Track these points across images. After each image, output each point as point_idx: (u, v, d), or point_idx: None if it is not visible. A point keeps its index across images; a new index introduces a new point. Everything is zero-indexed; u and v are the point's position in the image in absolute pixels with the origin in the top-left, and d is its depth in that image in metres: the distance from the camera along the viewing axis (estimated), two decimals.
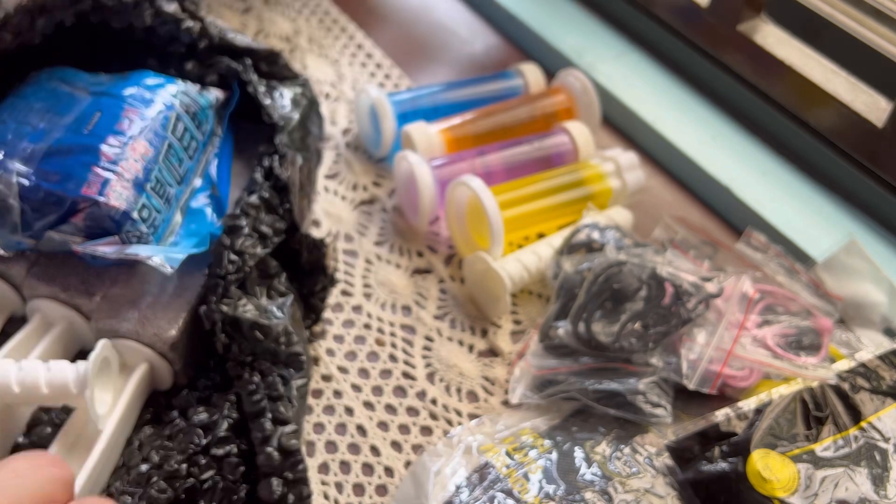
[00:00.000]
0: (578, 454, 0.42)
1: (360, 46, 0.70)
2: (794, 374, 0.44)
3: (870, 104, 0.55)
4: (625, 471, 0.41)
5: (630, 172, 0.57)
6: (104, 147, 0.42)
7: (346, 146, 0.62)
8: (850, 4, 0.56)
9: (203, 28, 0.49)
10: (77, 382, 0.38)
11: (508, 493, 0.40)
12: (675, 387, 0.45)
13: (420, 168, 0.54)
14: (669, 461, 0.42)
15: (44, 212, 0.41)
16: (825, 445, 0.42)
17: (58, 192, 0.41)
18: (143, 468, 0.38)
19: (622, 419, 0.44)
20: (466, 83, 0.63)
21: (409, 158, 0.55)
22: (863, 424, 0.43)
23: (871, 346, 0.47)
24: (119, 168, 0.42)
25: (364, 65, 0.69)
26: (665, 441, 0.43)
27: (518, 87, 0.64)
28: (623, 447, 0.43)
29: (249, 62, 0.50)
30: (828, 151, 0.59)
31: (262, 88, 0.50)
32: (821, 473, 0.40)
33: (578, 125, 0.58)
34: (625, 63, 0.68)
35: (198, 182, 0.48)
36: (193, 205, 0.47)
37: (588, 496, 0.40)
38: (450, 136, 0.58)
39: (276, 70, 0.52)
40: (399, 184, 0.58)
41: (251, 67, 0.50)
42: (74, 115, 0.44)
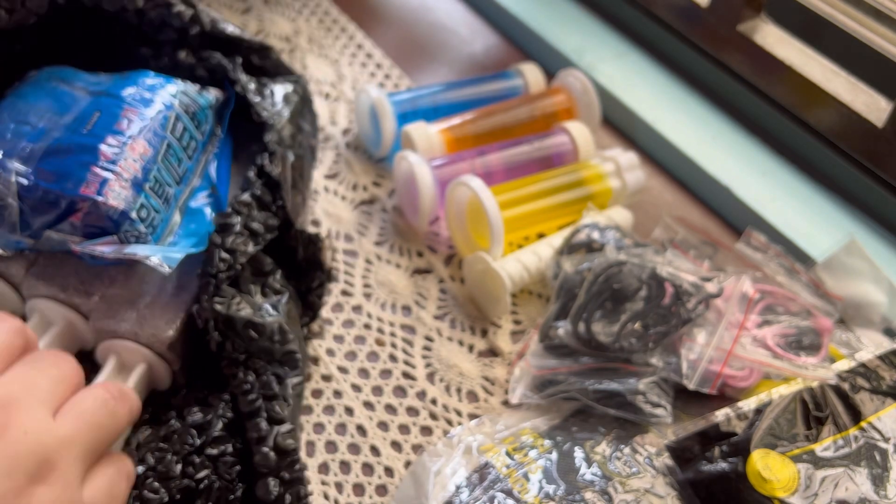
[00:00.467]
0: (578, 454, 0.42)
1: (360, 46, 0.70)
2: (794, 374, 0.44)
3: (870, 104, 0.55)
4: (625, 471, 0.41)
5: (630, 172, 0.57)
6: (103, 147, 0.42)
7: (346, 146, 0.62)
8: (850, 4, 0.56)
9: (195, 14, 0.49)
10: None
11: (508, 493, 0.40)
12: (675, 387, 0.45)
13: (420, 168, 0.54)
14: (669, 461, 0.42)
15: (42, 211, 0.41)
16: (825, 445, 0.42)
17: (56, 192, 0.41)
18: (139, 469, 0.38)
19: (622, 419, 0.44)
20: (466, 83, 0.63)
21: (409, 158, 0.55)
22: (863, 424, 0.42)
23: (871, 346, 0.47)
24: (118, 168, 0.42)
25: (364, 65, 0.69)
26: (665, 441, 0.43)
27: (518, 87, 0.64)
28: (623, 447, 0.43)
29: (239, 60, 0.50)
30: (828, 151, 0.59)
31: (252, 86, 0.49)
32: (821, 473, 0.40)
33: (578, 125, 0.58)
34: (625, 63, 0.68)
35: (197, 182, 0.48)
36: (192, 204, 0.47)
37: (588, 496, 0.40)
38: (450, 136, 0.58)
39: (269, 65, 0.52)
40: (399, 184, 0.57)
41: (240, 66, 0.50)
42: (74, 115, 0.44)
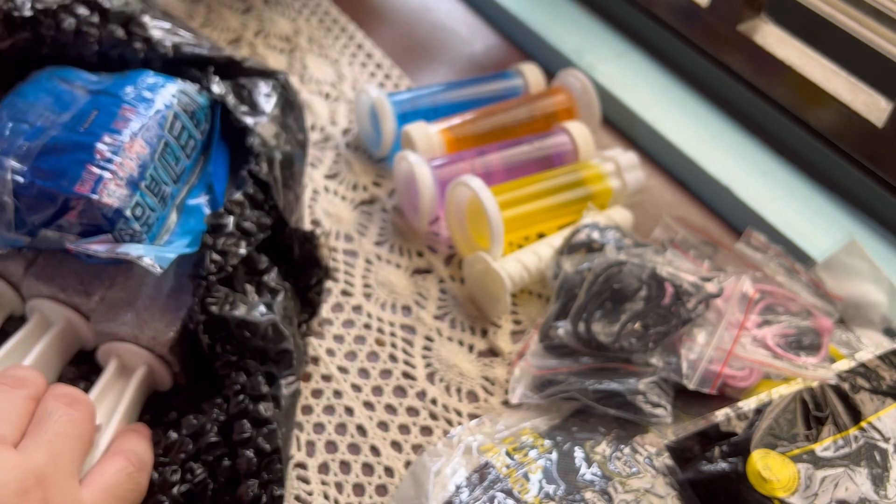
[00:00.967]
0: (578, 454, 0.42)
1: (360, 46, 0.70)
2: (794, 374, 0.44)
3: (870, 104, 0.55)
4: (625, 471, 0.41)
5: (630, 172, 0.57)
6: (99, 145, 0.42)
7: (346, 146, 0.62)
8: (850, 4, 0.56)
9: (151, 46, 0.48)
10: None
11: (508, 493, 0.40)
12: (675, 387, 0.45)
13: (420, 168, 0.54)
14: (669, 461, 0.42)
15: (38, 209, 0.41)
16: (825, 445, 0.41)
17: (51, 190, 0.40)
18: None
19: (622, 419, 0.44)
20: (466, 83, 0.63)
21: (409, 158, 0.55)
22: (863, 424, 0.42)
23: (871, 346, 0.47)
24: (113, 166, 0.41)
25: (364, 65, 0.69)
26: (665, 441, 0.43)
27: (518, 87, 0.64)
28: (623, 447, 0.43)
29: (211, 69, 0.49)
30: (828, 151, 0.59)
31: (229, 93, 0.49)
32: (821, 473, 0.40)
33: (578, 125, 0.58)
34: (625, 63, 0.68)
35: (195, 181, 0.48)
36: (191, 203, 0.47)
37: (588, 496, 0.40)
38: (450, 136, 0.58)
39: (246, 71, 0.52)
40: (399, 184, 0.57)
41: (213, 74, 0.49)
42: (72, 113, 0.44)
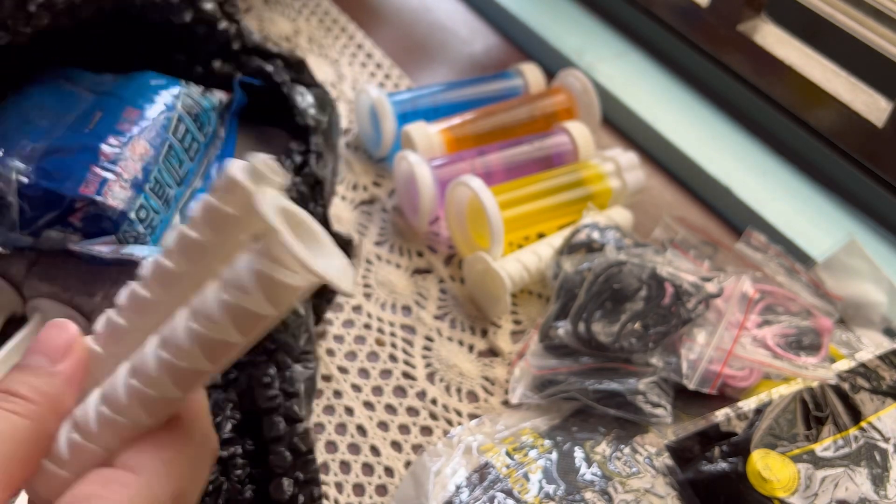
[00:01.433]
0: (578, 454, 0.42)
1: (360, 46, 0.70)
2: (794, 374, 0.44)
3: (870, 104, 0.55)
4: (625, 471, 0.41)
5: (630, 172, 0.57)
6: (104, 147, 0.42)
7: (346, 146, 0.62)
8: (850, 4, 0.56)
9: (238, 30, 0.49)
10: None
11: (508, 493, 0.40)
12: (675, 387, 0.45)
13: (420, 168, 0.54)
14: (669, 461, 0.42)
15: (42, 210, 0.41)
16: (825, 445, 0.42)
17: (56, 191, 0.41)
18: None
19: (622, 419, 0.44)
20: (466, 83, 0.63)
21: (409, 158, 0.55)
22: (863, 424, 0.43)
23: (871, 346, 0.47)
24: (118, 168, 0.42)
25: (364, 65, 0.69)
26: (665, 441, 0.43)
27: (518, 87, 0.64)
28: (623, 447, 0.43)
29: (281, 64, 0.50)
30: (828, 151, 0.59)
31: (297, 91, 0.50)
32: (821, 473, 0.40)
33: (578, 125, 0.58)
34: (625, 63, 0.68)
35: (199, 183, 0.48)
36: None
37: (588, 496, 0.40)
38: (450, 136, 0.58)
39: (301, 78, 0.52)
40: (399, 184, 0.57)
41: (283, 69, 0.50)
42: (76, 114, 0.44)
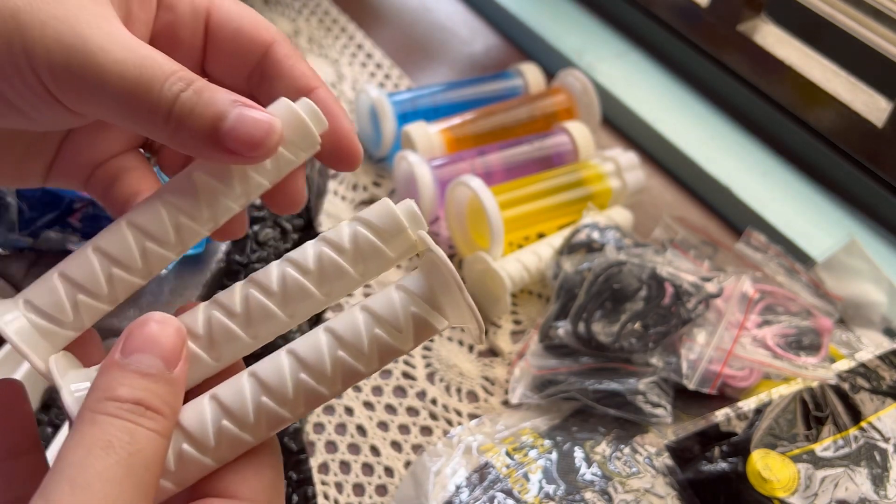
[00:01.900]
0: (578, 454, 0.42)
1: (360, 46, 0.70)
2: (794, 374, 0.44)
3: (870, 104, 0.55)
4: (625, 471, 0.41)
5: (630, 172, 0.57)
6: None
7: None
8: (850, 4, 0.56)
9: None
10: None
11: (508, 493, 0.40)
12: (675, 387, 0.45)
13: (420, 168, 0.54)
14: (669, 461, 0.42)
15: (41, 211, 0.41)
16: (825, 445, 0.42)
17: (55, 192, 0.41)
18: None
19: (622, 419, 0.44)
20: (466, 83, 0.63)
21: (409, 158, 0.55)
22: (863, 424, 0.43)
23: (871, 346, 0.47)
24: None
25: (364, 65, 0.69)
26: (665, 441, 0.43)
27: (518, 87, 0.64)
28: (623, 447, 0.43)
29: None
30: (828, 151, 0.59)
31: None
32: (821, 473, 0.40)
33: (578, 125, 0.58)
34: (625, 63, 0.68)
35: None
36: None
37: (588, 496, 0.40)
38: (450, 136, 0.58)
39: None
40: (399, 184, 0.57)
41: None
42: None
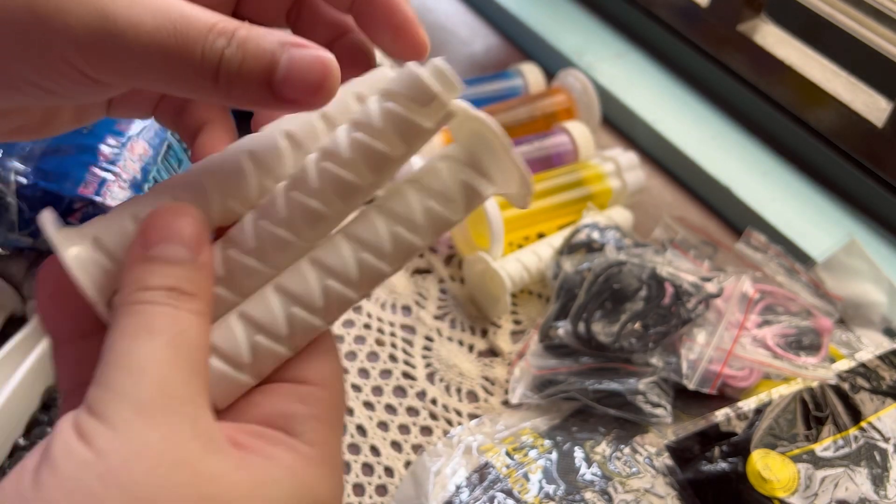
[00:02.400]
0: (578, 454, 0.42)
1: None
2: (794, 374, 0.44)
3: (870, 104, 0.55)
4: (625, 471, 0.41)
5: (630, 172, 0.57)
6: (103, 147, 0.42)
7: None
8: (850, 4, 0.56)
9: None
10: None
11: (508, 493, 0.40)
12: (675, 387, 0.45)
13: None
14: (669, 461, 0.42)
15: (41, 210, 0.41)
16: (825, 445, 0.42)
17: (55, 192, 0.41)
18: None
19: (622, 419, 0.44)
20: (466, 83, 0.63)
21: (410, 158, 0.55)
22: (863, 424, 0.42)
23: (871, 346, 0.47)
24: (117, 168, 0.42)
25: None
26: (665, 441, 0.43)
27: (518, 87, 0.64)
28: (623, 447, 0.43)
29: None
30: (828, 151, 0.59)
31: None
32: (821, 473, 0.40)
33: (578, 125, 0.58)
34: (625, 63, 0.68)
35: None
36: None
37: (588, 496, 0.40)
38: (450, 137, 0.58)
39: None
40: None
41: None
42: None
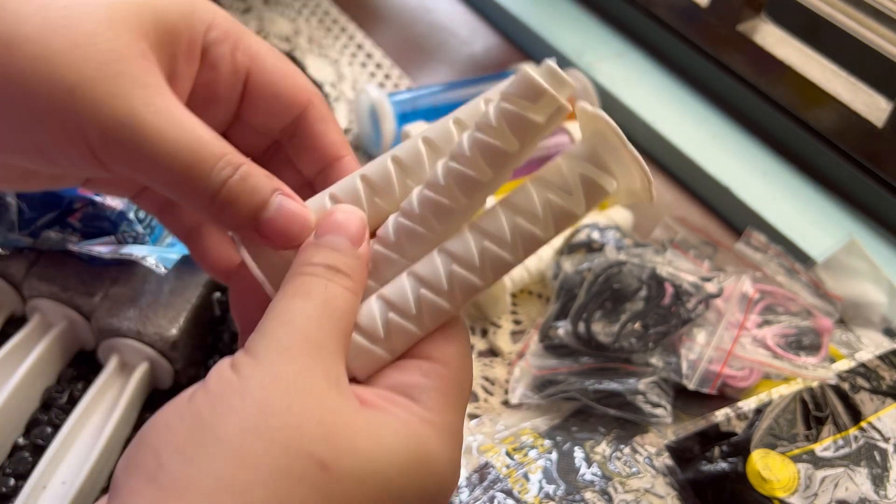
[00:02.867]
0: (578, 454, 0.42)
1: (360, 46, 0.70)
2: (794, 374, 0.44)
3: (870, 104, 0.55)
4: (625, 471, 0.41)
5: None
6: None
7: None
8: (850, 4, 0.56)
9: None
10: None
11: (508, 493, 0.40)
12: (675, 387, 0.45)
13: None
14: (669, 461, 0.42)
15: (41, 210, 0.41)
16: (825, 445, 0.42)
17: (55, 192, 0.41)
18: None
19: (622, 419, 0.44)
20: (466, 83, 0.63)
21: None
22: (863, 424, 0.43)
23: (871, 346, 0.47)
24: None
25: (364, 65, 0.69)
26: (665, 441, 0.43)
27: None
28: (623, 447, 0.43)
29: None
30: (828, 151, 0.59)
31: None
32: (821, 473, 0.40)
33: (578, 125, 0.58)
34: (625, 63, 0.68)
35: None
36: None
37: (588, 496, 0.40)
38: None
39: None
40: None
41: None
42: None
